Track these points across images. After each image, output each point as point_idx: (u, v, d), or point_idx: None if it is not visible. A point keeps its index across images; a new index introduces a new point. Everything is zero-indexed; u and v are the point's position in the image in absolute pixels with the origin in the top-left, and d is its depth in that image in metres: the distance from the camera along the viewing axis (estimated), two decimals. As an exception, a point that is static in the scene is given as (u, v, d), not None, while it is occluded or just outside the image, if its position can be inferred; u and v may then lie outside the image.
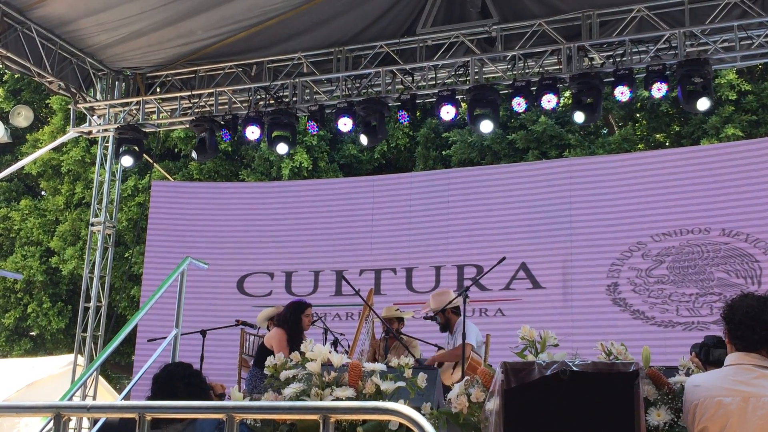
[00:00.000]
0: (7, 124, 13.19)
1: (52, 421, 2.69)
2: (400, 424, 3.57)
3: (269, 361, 4.41)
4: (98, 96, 10.96)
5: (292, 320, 7.11)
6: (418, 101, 9.69)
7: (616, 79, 8.63)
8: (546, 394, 3.54)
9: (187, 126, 10.77)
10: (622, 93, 8.62)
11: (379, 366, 4.09)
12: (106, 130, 11.12)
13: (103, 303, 10.91)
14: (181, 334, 5.86)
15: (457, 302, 7.31)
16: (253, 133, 9.90)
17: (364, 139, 9.70)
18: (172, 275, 5.82)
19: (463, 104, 9.77)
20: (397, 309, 8.39)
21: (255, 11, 9.41)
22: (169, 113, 10.82)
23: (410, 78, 9.69)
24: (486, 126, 9.19)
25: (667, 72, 8.56)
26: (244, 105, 10.29)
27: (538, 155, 14.61)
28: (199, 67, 10.58)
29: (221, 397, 6.04)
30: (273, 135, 9.86)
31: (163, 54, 10.37)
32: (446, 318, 7.51)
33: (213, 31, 9.84)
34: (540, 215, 10.30)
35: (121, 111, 10.92)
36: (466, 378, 4.09)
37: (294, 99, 9.95)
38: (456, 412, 3.92)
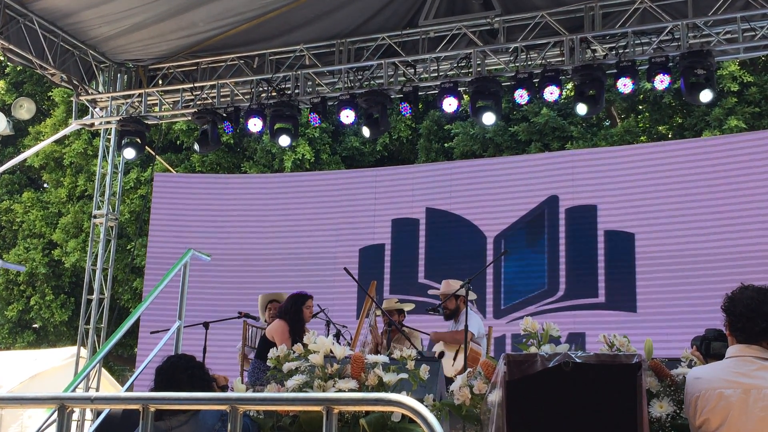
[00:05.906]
0: (10, 116, 13.19)
1: (55, 413, 2.69)
2: (403, 416, 3.58)
3: (272, 352, 4.42)
4: (100, 88, 10.95)
5: (293, 311, 7.11)
6: (420, 93, 9.69)
7: (619, 71, 8.61)
8: (548, 385, 3.55)
9: (189, 118, 10.76)
10: (625, 85, 8.61)
11: (382, 358, 4.09)
12: (108, 123, 11.11)
13: (106, 295, 10.92)
14: (184, 326, 5.87)
15: (463, 292, 7.32)
16: (255, 125, 9.89)
17: (366, 132, 9.70)
18: (175, 267, 5.83)
19: (465, 96, 9.77)
20: (398, 301, 8.41)
21: (257, 3, 9.40)
22: (171, 105, 10.81)
23: (412, 70, 9.67)
24: (488, 118, 9.18)
25: (670, 64, 8.55)
26: (246, 97, 10.28)
27: (541, 147, 14.58)
28: (201, 60, 10.57)
29: (224, 389, 6.07)
30: (275, 127, 9.85)
31: (165, 46, 10.36)
32: (456, 305, 7.54)
33: (215, 23, 9.83)
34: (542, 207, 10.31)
35: (123, 103, 10.91)
36: (468, 370, 4.10)
37: (296, 91, 9.93)
38: (458, 404, 3.93)
